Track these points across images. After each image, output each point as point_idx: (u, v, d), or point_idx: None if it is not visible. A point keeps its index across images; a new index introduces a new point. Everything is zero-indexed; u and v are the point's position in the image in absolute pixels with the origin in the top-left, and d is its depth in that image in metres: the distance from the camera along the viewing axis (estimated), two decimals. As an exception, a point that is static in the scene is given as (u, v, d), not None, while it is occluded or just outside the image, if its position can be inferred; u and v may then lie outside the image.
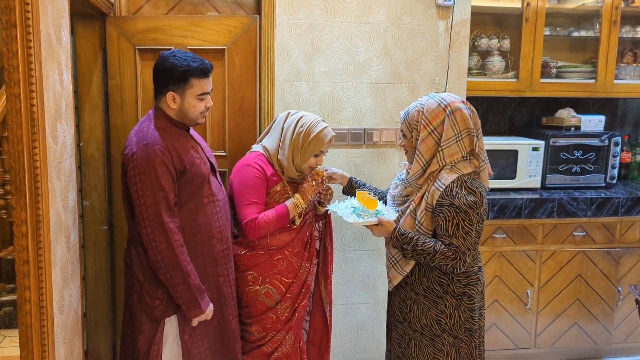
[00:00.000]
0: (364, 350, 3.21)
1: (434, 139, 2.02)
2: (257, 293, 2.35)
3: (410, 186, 2.10)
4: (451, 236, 1.96)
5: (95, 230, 2.80)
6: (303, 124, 2.31)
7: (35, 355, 1.85)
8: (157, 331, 2.07)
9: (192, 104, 2.08)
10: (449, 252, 1.96)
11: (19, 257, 1.79)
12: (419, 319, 2.09)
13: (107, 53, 2.69)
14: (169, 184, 2.00)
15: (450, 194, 1.96)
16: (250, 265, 2.35)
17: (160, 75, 2.08)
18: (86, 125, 2.73)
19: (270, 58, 2.83)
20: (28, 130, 1.73)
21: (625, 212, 3.32)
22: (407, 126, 2.10)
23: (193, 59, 2.06)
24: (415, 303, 2.10)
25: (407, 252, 2.02)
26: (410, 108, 2.10)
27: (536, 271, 3.29)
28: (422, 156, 2.04)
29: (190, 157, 2.08)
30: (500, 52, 3.46)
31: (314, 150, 2.30)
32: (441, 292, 2.05)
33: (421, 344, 2.10)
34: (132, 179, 1.99)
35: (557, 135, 3.47)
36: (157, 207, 1.97)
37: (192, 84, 2.06)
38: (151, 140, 2.00)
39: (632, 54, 3.78)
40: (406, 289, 2.13)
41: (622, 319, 3.41)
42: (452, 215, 1.95)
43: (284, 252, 2.36)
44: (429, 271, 2.07)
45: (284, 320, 2.38)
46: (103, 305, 2.85)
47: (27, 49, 1.71)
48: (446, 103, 2.02)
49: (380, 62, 2.98)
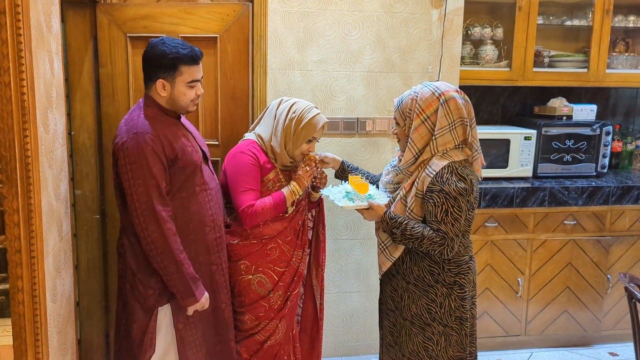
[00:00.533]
0: (356, 338, 3.23)
1: (426, 127, 2.02)
2: (250, 282, 2.36)
3: (402, 173, 2.10)
4: (440, 222, 1.97)
5: (88, 219, 2.79)
6: (295, 110, 2.31)
7: (28, 344, 1.85)
8: (150, 320, 2.07)
9: (182, 92, 2.07)
10: (437, 237, 1.97)
11: (11, 246, 1.78)
12: (409, 308, 2.10)
13: (97, 41, 2.66)
14: (160, 172, 1.99)
15: (440, 180, 1.96)
16: (243, 254, 2.36)
17: (149, 63, 2.07)
18: (77, 113, 2.70)
19: (262, 46, 2.82)
20: (19, 119, 1.72)
21: (615, 201, 3.35)
22: (400, 114, 2.10)
23: (182, 46, 2.05)
24: (406, 292, 2.11)
25: (396, 236, 2.03)
26: (404, 96, 2.10)
27: (527, 259, 3.32)
28: (415, 144, 2.03)
29: (182, 145, 2.07)
30: (493, 41, 3.46)
31: (306, 137, 2.30)
32: (432, 281, 2.06)
33: (411, 333, 2.11)
34: (123, 168, 1.98)
35: (549, 124, 3.48)
36: (148, 196, 1.96)
37: (182, 71, 2.05)
38: (141, 129, 1.99)
39: (625, 43, 3.79)
40: (397, 278, 2.14)
41: (611, 306, 3.46)
42: (441, 201, 1.96)
43: (277, 240, 2.37)
44: (420, 260, 2.07)
45: (276, 309, 2.39)
46: (96, 294, 2.85)
47: (17, 36, 1.69)
48: (440, 92, 2.01)
49: (374, 50, 2.97)
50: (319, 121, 2.31)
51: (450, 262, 2.06)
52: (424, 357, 2.10)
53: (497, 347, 3.41)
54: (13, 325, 1.84)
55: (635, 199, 3.36)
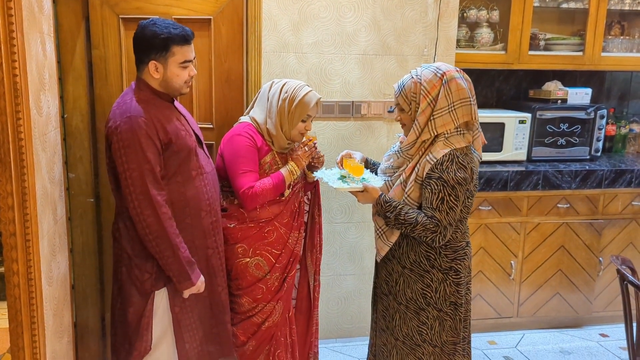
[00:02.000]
0: (351, 320, 3.26)
1: (432, 109, 1.99)
2: (247, 265, 2.37)
3: (402, 156, 2.08)
4: (435, 209, 1.96)
5: (82, 202, 2.78)
6: (287, 90, 2.30)
7: (24, 327, 1.85)
8: (146, 304, 2.08)
9: (176, 73, 2.05)
10: (430, 224, 1.96)
11: (5, 229, 1.78)
12: (404, 292, 2.10)
13: (90, 22, 2.62)
14: (155, 156, 1.98)
15: (440, 167, 1.95)
16: (240, 238, 2.36)
17: (140, 44, 2.04)
18: (70, 96, 2.68)
19: (257, 28, 2.79)
20: (11, 101, 1.71)
21: (608, 184, 3.37)
22: (404, 99, 2.05)
23: (173, 26, 2.03)
24: (402, 276, 2.11)
25: (389, 220, 2.03)
26: (405, 80, 2.06)
27: (520, 242, 3.35)
28: (420, 126, 2.00)
29: (175, 129, 2.06)
30: (489, 23, 3.45)
31: (301, 115, 2.29)
32: (428, 266, 2.06)
33: (405, 317, 2.11)
34: (117, 152, 1.97)
35: (544, 108, 3.48)
36: (143, 180, 1.95)
37: (174, 52, 2.02)
38: (135, 112, 1.97)
39: (620, 26, 3.78)
40: (393, 262, 2.14)
41: (603, 288, 3.50)
42: (438, 188, 1.95)
43: (274, 223, 2.37)
44: (417, 245, 2.07)
45: (274, 291, 2.40)
46: (91, 277, 2.85)
47: (8, 17, 1.67)
48: (442, 72, 1.99)
49: (369, 33, 2.95)
50: (312, 98, 2.30)
51: (447, 247, 2.05)
52: (418, 341, 2.11)
53: (490, 329, 3.45)
54: (9, 308, 1.84)
55: (628, 182, 3.39)
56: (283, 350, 2.47)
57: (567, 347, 3.32)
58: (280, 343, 2.47)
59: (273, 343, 2.45)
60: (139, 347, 2.09)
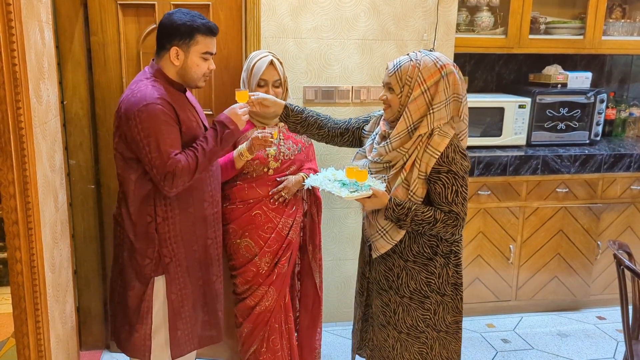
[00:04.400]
0: (350, 304, 3.28)
1: (425, 99, 1.93)
2: (239, 246, 2.45)
3: (397, 152, 1.98)
4: (451, 203, 1.92)
5: (83, 188, 2.79)
6: (247, 60, 2.45)
7: (28, 313, 1.88)
8: (147, 288, 2.10)
9: (196, 62, 2.04)
10: (449, 219, 1.93)
11: (7, 217, 1.80)
12: (407, 285, 2.05)
13: (88, 8, 2.61)
14: (177, 139, 2.00)
15: (447, 160, 1.91)
16: (230, 218, 2.44)
17: (165, 30, 2.02)
18: (69, 83, 2.68)
19: (255, 14, 2.78)
20: (11, 90, 1.71)
21: (607, 168, 3.38)
22: (397, 80, 1.96)
23: (199, 17, 2.03)
24: (404, 270, 2.05)
25: (404, 223, 1.95)
26: (402, 61, 1.96)
27: (519, 227, 3.37)
28: (411, 115, 1.94)
29: (187, 118, 2.06)
30: (489, 7, 3.42)
31: (255, 80, 2.38)
32: (431, 254, 2.02)
33: (409, 308, 2.07)
34: (139, 142, 1.94)
35: (544, 92, 3.48)
36: (166, 153, 1.95)
37: (198, 41, 2.01)
38: (151, 99, 1.94)
39: (621, 9, 3.75)
40: (394, 257, 2.07)
41: (600, 271, 3.53)
42: (450, 182, 1.91)
43: (262, 207, 2.43)
44: (418, 237, 2.02)
45: (264, 275, 2.45)
46: (93, 262, 2.88)
47: (6, 5, 1.66)
48: (442, 64, 1.93)
49: (368, 17, 2.94)
50: (263, 63, 2.38)
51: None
52: (423, 328, 2.08)
53: (488, 312, 3.49)
54: (12, 295, 1.87)
55: (627, 166, 3.40)
56: (278, 336, 2.52)
57: (565, 330, 3.36)
58: (274, 329, 2.51)
59: (267, 329, 2.50)
60: (139, 330, 2.11)
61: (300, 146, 2.52)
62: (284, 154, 2.44)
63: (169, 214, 2.06)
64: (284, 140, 2.47)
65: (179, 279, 2.13)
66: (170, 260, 2.09)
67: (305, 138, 2.56)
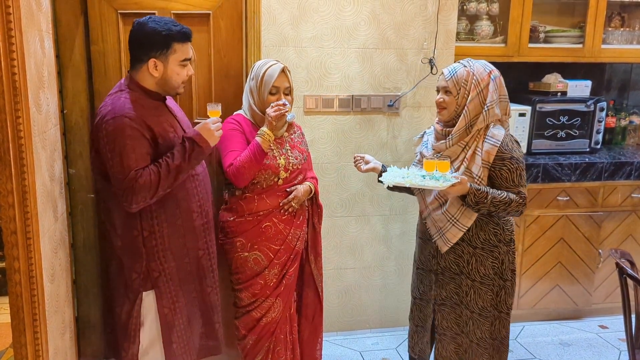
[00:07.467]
0: (351, 313, 3.28)
1: (480, 99, 2.21)
2: (246, 259, 2.39)
3: (455, 145, 2.23)
4: (517, 185, 2.19)
5: (82, 198, 2.78)
6: (254, 69, 2.42)
7: (26, 324, 1.86)
8: (135, 304, 2.07)
9: (176, 71, 2.02)
10: (520, 199, 2.18)
11: (6, 227, 1.78)
12: (477, 270, 2.29)
13: (88, 17, 2.61)
14: (141, 154, 1.94)
15: (507, 148, 2.19)
16: (239, 231, 2.38)
17: (139, 42, 1.99)
18: (69, 91, 2.67)
19: (256, 23, 2.78)
20: (11, 99, 1.70)
21: (608, 176, 3.37)
22: (455, 84, 2.23)
23: (173, 23, 2.00)
24: (474, 256, 2.29)
25: (483, 205, 2.14)
26: (457, 68, 2.25)
27: (520, 235, 3.35)
28: (469, 113, 2.21)
29: (163, 130, 2.02)
30: (489, 16, 3.43)
31: (267, 88, 2.35)
32: (495, 241, 2.28)
33: (480, 291, 2.30)
34: (106, 154, 1.93)
35: (544, 100, 3.48)
36: (128, 168, 1.92)
37: (175, 49, 2.00)
38: (120, 112, 1.92)
39: (620, 18, 3.76)
40: (462, 245, 2.30)
41: (602, 280, 3.51)
42: (514, 166, 2.18)
43: (272, 219, 2.39)
44: (485, 224, 2.27)
45: (272, 286, 2.42)
46: (92, 271, 2.86)
47: (7, 15, 1.66)
48: (490, 69, 2.25)
49: (368, 26, 2.94)
50: (275, 70, 2.35)
51: (507, 221, 2.30)
52: (491, 311, 2.32)
53: (490, 321, 3.46)
54: (11, 306, 1.85)
55: (628, 174, 3.39)
56: (282, 347, 2.49)
57: (567, 339, 3.34)
58: (280, 340, 2.48)
59: (273, 340, 2.47)
60: (127, 349, 2.08)
61: (305, 155, 2.51)
62: (293, 164, 2.42)
63: (156, 227, 2.03)
64: (291, 150, 2.44)
65: (170, 292, 2.09)
66: (159, 274, 2.06)
67: (307, 147, 2.56)
